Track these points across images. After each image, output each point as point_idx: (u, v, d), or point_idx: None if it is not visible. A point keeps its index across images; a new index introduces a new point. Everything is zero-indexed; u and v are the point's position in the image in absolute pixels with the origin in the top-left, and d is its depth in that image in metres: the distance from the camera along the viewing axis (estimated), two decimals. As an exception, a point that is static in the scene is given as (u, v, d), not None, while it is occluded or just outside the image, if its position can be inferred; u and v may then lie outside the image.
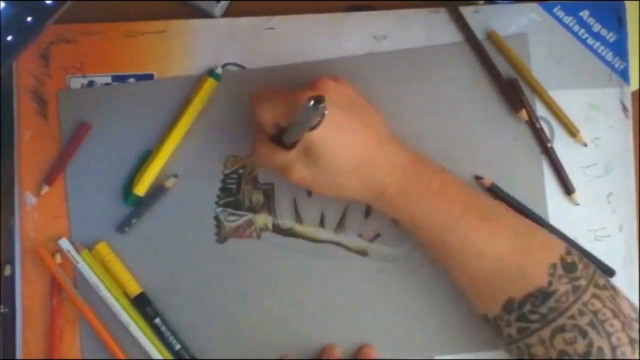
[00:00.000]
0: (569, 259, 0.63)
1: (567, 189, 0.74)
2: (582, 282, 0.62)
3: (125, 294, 0.72)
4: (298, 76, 0.74)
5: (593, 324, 0.61)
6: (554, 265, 0.62)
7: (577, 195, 0.74)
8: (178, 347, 0.71)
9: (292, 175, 0.64)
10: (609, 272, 0.73)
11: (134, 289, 0.72)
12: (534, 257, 0.63)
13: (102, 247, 0.72)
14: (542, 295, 0.62)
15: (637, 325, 0.62)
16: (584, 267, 0.63)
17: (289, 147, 0.63)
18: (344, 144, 0.63)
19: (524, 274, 0.63)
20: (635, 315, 0.63)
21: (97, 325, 0.71)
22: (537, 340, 0.62)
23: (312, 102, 0.53)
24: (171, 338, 0.71)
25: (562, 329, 0.61)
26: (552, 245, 0.65)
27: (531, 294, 0.62)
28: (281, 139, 0.64)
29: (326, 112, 0.55)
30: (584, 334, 0.61)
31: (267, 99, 0.64)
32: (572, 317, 0.61)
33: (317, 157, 0.62)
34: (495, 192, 0.73)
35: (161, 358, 0.71)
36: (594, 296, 0.62)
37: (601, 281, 0.63)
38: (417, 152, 0.67)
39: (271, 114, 0.64)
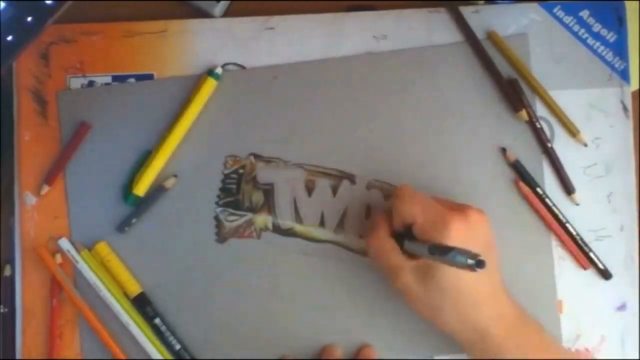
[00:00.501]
0: None
1: (568, 189, 0.74)
2: None
3: (125, 294, 0.72)
4: (297, 76, 0.74)
5: None
6: None
7: (577, 195, 0.74)
8: (178, 347, 0.71)
9: (398, 280, 0.64)
10: (606, 274, 0.73)
11: (134, 289, 0.72)
12: None
13: (102, 247, 0.72)
14: None
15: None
16: None
17: (409, 254, 0.63)
18: (464, 280, 0.62)
19: None
20: None
21: (97, 325, 0.71)
22: None
23: (473, 262, 0.52)
24: (171, 338, 0.71)
25: None
26: None
27: None
28: (402, 238, 0.64)
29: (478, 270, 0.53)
30: None
31: (415, 200, 0.64)
32: None
33: (432, 281, 0.62)
34: (519, 169, 0.73)
35: (161, 358, 0.71)
36: None
37: None
38: (521, 306, 0.66)
39: (410, 215, 0.63)
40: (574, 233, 0.73)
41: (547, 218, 0.73)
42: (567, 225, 0.73)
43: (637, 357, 0.63)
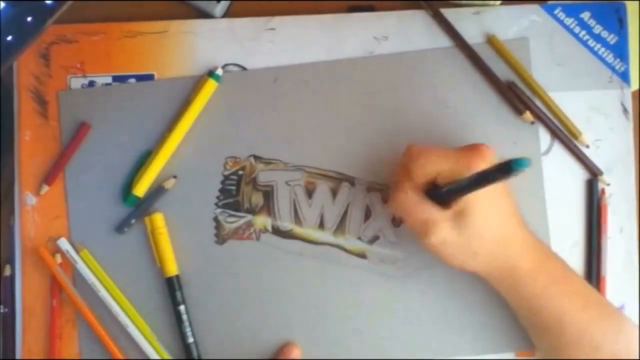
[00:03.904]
0: None
1: (594, 172, 0.74)
2: None
3: (162, 271, 0.72)
4: (298, 78, 0.74)
5: None
6: None
7: (605, 177, 0.74)
8: (191, 340, 0.71)
9: (434, 234, 0.63)
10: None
11: (171, 270, 0.72)
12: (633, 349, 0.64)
13: (158, 218, 0.72)
14: None
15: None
16: None
17: (442, 204, 0.63)
18: (495, 213, 0.63)
19: None
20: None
21: (96, 325, 0.71)
22: None
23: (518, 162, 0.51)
24: (187, 330, 0.71)
25: None
26: None
27: None
28: (433, 194, 0.64)
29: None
30: None
31: (432, 156, 0.64)
32: None
33: (469, 219, 0.62)
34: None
35: (158, 358, 0.71)
36: None
37: None
38: (544, 241, 0.68)
39: (436, 172, 0.63)
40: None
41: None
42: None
43: (637, 357, 0.63)
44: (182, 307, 0.71)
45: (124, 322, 0.71)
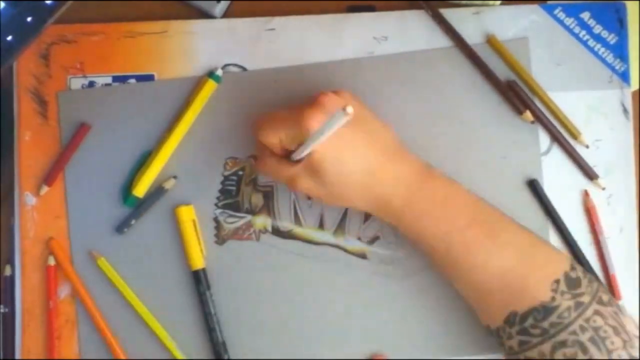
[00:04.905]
0: (573, 275, 0.63)
1: (589, 175, 0.74)
2: (586, 299, 0.62)
3: (188, 264, 0.73)
4: (298, 78, 0.74)
5: (594, 340, 0.60)
6: (557, 281, 0.62)
7: (601, 181, 0.74)
8: (220, 338, 0.72)
9: (298, 187, 0.65)
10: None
11: (197, 263, 0.72)
12: (538, 272, 0.63)
13: (188, 211, 0.72)
14: (545, 310, 0.61)
15: (638, 343, 0.62)
16: (588, 283, 0.63)
17: (295, 161, 0.65)
18: (347, 159, 0.63)
19: (527, 289, 0.62)
20: (637, 333, 0.63)
21: (103, 326, 0.72)
22: (537, 354, 0.62)
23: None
24: (214, 321, 0.72)
25: (563, 344, 0.61)
26: (556, 261, 0.64)
27: (534, 309, 0.62)
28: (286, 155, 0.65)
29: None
30: (585, 350, 0.60)
31: (271, 125, 0.65)
32: (574, 332, 0.61)
33: (322, 172, 0.63)
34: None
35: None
36: (597, 313, 0.61)
37: (605, 297, 0.63)
38: (425, 163, 0.67)
39: (278, 139, 0.64)
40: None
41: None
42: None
43: (637, 357, 0.62)
44: (206, 296, 0.72)
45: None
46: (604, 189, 0.74)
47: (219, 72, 0.73)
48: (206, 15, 0.75)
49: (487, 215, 0.66)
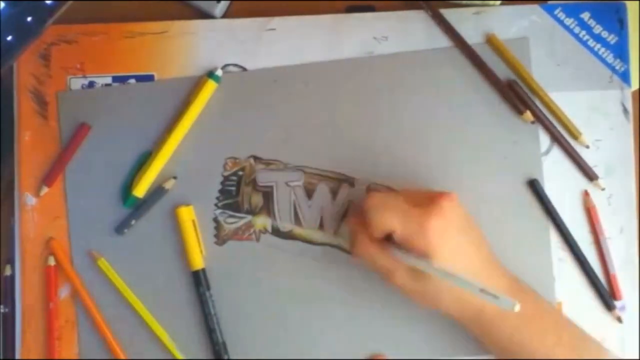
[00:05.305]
0: None
1: (590, 175, 0.74)
2: None
3: (188, 265, 0.72)
4: (298, 78, 0.74)
5: None
6: None
7: (601, 181, 0.74)
8: (220, 339, 0.72)
9: (394, 281, 0.64)
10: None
11: (197, 264, 0.72)
12: None
13: (188, 212, 0.72)
14: None
15: None
16: None
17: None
18: (454, 266, 0.62)
19: None
20: None
21: (103, 327, 0.72)
22: None
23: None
24: (214, 322, 0.72)
25: None
26: None
27: None
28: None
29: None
30: None
31: (391, 210, 0.64)
32: None
33: (425, 275, 0.62)
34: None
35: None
36: None
37: None
38: (515, 276, 0.67)
39: (388, 225, 0.63)
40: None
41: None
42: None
43: (637, 358, 0.63)
44: (205, 296, 0.72)
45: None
46: (603, 189, 0.74)
47: (219, 72, 0.73)
48: (206, 15, 0.75)
49: (572, 334, 0.66)
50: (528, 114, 0.73)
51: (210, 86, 0.72)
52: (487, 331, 0.65)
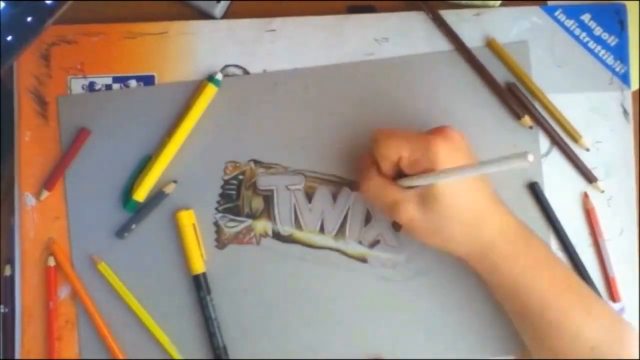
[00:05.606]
0: None
1: (589, 178, 0.75)
2: None
3: (188, 269, 0.73)
4: (298, 81, 0.74)
5: None
6: None
7: (600, 183, 0.75)
8: (222, 345, 0.72)
9: (402, 214, 0.63)
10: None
11: (198, 268, 0.72)
12: (629, 351, 0.63)
13: (188, 215, 0.72)
14: None
15: None
16: None
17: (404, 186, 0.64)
18: (464, 196, 0.62)
19: None
20: None
21: (103, 329, 0.72)
22: None
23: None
24: (214, 326, 0.72)
25: None
26: None
27: None
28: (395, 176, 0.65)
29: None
30: None
31: (395, 139, 0.64)
32: None
33: (434, 203, 0.62)
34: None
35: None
36: None
37: None
38: (522, 220, 0.66)
39: (397, 156, 0.63)
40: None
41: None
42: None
43: (637, 358, 0.63)
44: (206, 301, 0.72)
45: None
46: (602, 191, 0.74)
47: (219, 76, 0.73)
48: (206, 15, 0.75)
49: (580, 285, 0.66)
50: (527, 119, 0.73)
51: (211, 90, 0.72)
52: (495, 269, 0.64)
